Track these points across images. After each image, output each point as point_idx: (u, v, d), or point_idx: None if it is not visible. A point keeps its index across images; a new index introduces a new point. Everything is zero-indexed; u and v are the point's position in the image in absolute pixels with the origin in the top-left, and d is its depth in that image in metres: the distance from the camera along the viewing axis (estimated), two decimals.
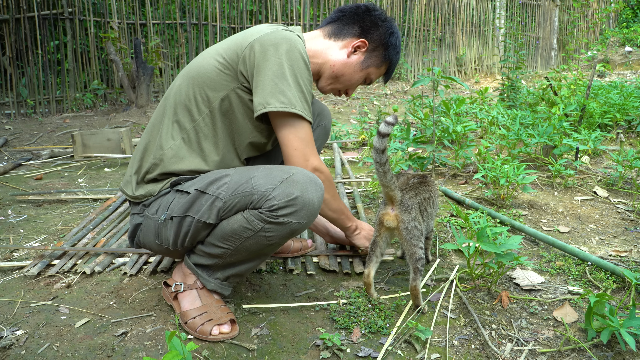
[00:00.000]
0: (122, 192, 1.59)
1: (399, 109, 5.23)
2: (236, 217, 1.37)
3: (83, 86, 6.06)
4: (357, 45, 1.61)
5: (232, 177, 1.39)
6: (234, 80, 1.47)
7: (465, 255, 1.63)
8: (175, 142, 1.49)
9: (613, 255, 1.94)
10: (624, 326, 1.32)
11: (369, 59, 1.64)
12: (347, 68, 1.63)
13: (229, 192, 1.36)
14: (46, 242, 2.15)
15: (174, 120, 1.51)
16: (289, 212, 1.33)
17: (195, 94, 1.48)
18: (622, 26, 11.81)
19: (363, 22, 1.61)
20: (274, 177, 1.34)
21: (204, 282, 1.50)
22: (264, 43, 1.43)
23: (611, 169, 3.03)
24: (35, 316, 1.56)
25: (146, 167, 1.51)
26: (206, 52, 1.56)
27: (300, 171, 1.37)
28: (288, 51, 1.42)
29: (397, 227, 1.55)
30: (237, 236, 1.38)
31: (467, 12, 8.84)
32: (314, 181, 1.37)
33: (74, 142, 3.62)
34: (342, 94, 1.73)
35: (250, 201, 1.34)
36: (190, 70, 1.52)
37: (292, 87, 1.41)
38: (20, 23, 5.53)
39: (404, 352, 1.39)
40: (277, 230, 1.36)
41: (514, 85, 4.63)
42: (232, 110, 1.50)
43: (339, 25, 1.63)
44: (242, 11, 6.92)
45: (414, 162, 2.79)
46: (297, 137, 1.45)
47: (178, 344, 1.07)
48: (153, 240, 1.51)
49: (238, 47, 1.47)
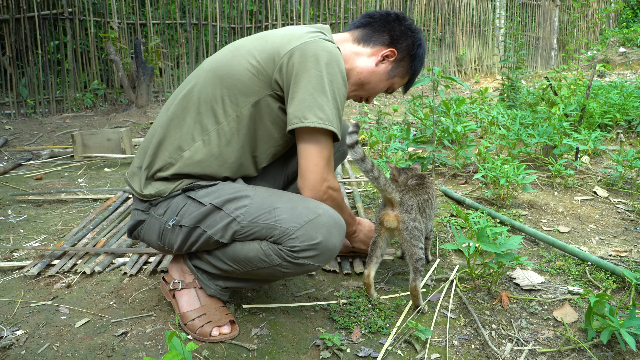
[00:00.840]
0: (126, 183, 1.53)
1: (399, 109, 5.23)
2: (253, 245, 1.34)
3: (83, 86, 6.06)
4: (386, 54, 1.57)
5: (253, 201, 1.35)
6: (267, 87, 1.40)
7: (465, 255, 1.63)
8: (195, 143, 1.42)
9: (613, 255, 1.94)
10: (624, 326, 1.32)
11: (396, 69, 1.61)
12: (374, 76, 1.59)
13: (248, 218, 1.32)
14: (46, 242, 2.15)
15: (197, 120, 1.43)
16: (309, 255, 1.31)
17: (223, 96, 1.41)
18: (622, 26, 11.81)
19: (393, 30, 1.57)
20: (299, 215, 1.31)
21: (203, 286, 1.49)
22: (304, 53, 1.36)
23: (611, 169, 3.03)
24: (35, 316, 1.56)
25: (159, 164, 1.43)
26: (236, 49, 1.47)
27: (327, 212, 1.34)
28: (328, 65, 1.37)
29: (398, 227, 1.55)
30: (250, 263, 1.35)
31: (467, 12, 8.84)
32: (339, 224, 1.35)
33: (74, 142, 3.62)
34: (362, 101, 1.69)
35: (271, 235, 1.31)
36: (219, 68, 1.44)
37: (330, 103, 1.36)
38: (20, 23, 5.53)
39: (404, 352, 1.39)
40: (293, 269, 1.34)
41: (514, 85, 4.63)
42: (261, 117, 1.44)
43: (368, 31, 1.59)
44: (242, 11, 6.92)
45: (414, 162, 2.79)
46: (320, 154, 1.39)
47: (178, 344, 1.07)
48: (155, 240, 1.48)
49: (275, 52, 1.40)
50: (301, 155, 1.41)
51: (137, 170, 1.51)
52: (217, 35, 6.75)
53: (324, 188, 1.43)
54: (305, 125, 1.34)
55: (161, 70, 6.44)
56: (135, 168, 1.52)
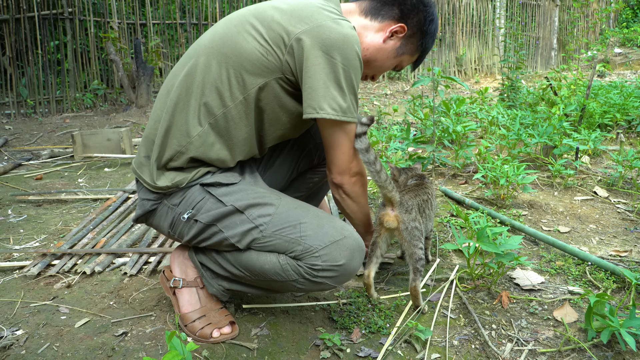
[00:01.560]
0: (135, 174, 1.44)
1: (399, 109, 5.23)
2: (270, 257, 1.31)
3: (83, 86, 6.06)
4: (395, 30, 1.45)
5: (278, 211, 1.32)
6: (277, 69, 1.31)
7: (465, 255, 1.63)
8: (202, 128, 1.35)
9: (613, 255, 1.94)
10: (624, 326, 1.32)
11: (405, 45, 1.50)
12: (381, 53, 1.49)
13: (272, 229, 1.30)
14: (46, 242, 2.15)
15: (202, 103, 1.34)
16: (329, 275, 1.30)
17: (229, 76, 1.32)
18: (622, 26, 11.81)
19: (404, 3, 1.45)
20: (325, 234, 1.29)
21: (205, 284, 1.47)
22: (316, 37, 1.27)
23: (611, 169, 3.03)
24: (35, 316, 1.56)
25: (170, 153, 1.36)
26: (239, 23, 1.36)
27: (352, 234, 1.33)
28: (343, 49, 1.28)
29: (397, 227, 1.55)
30: (264, 275, 1.33)
31: (467, 12, 8.84)
32: (362, 248, 1.35)
33: (74, 142, 3.62)
34: (367, 79, 1.60)
35: (292, 250, 1.29)
36: (223, 46, 1.33)
37: (345, 92, 1.31)
38: (20, 23, 5.53)
39: (404, 352, 1.39)
40: (309, 286, 1.33)
41: (514, 85, 4.63)
42: (270, 100, 1.36)
43: (377, 3, 1.46)
44: None
45: (414, 162, 2.79)
46: (346, 142, 1.38)
47: (178, 344, 1.07)
48: (166, 228, 1.43)
49: (284, 32, 1.30)
50: (329, 144, 1.40)
51: (145, 161, 1.43)
52: None
53: (352, 174, 1.44)
54: (320, 117, 1.30)
55: (161, 70, 6.44)
56: (142, 158, 1.44)
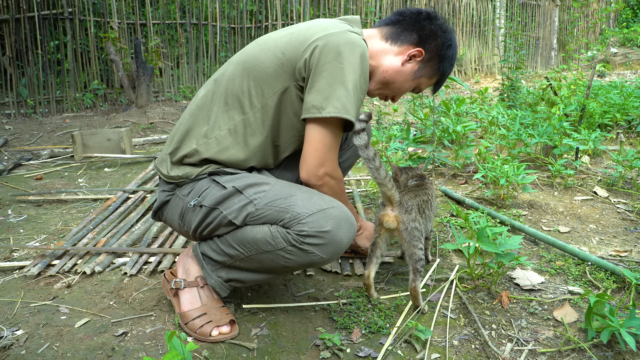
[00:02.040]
0: (156, 169, 1.58)
1: (399, 109, 5.23)
2: (262, 227, 1.36)
3: (83, 86, 6.06)
4: (413, 54, 1.55)
5: (272, 188, 1.39)
6: (291, 77, 1.44)
7: (465, 255, 1.63)
8: (221, 132, 1.46)
9: (613, 255, 1.94)
10: (624, 326, 1.32)
11: (423, 69, 1.59)
12: (399, 76, 1.57)
13: (264, 202, 1.36)
14: (46, 242, 2.15)
15: (224, 110, 1.47)
16: (316, 242, 1.32)
17: (249, 87, 1.46)
18: (622, 26, 11.81)
19: (422, 30, 1.55)
20: (313, 204, 1.34)
21: (205, 276, 1.48)
22: (328, 43, 1.38)
23: (611, 169, 3.03)
24: (35, 316, 1.56)
25: (186, 151, 1.48)
26: (264, 43, 1.50)
27: (340, 206, 1.36)
28: (350, 55, 1.38)
29: (397, 228, 1.55)
30: (255, 246, 1.37)
31: (467, 12, 8.84)
32: (350, 220, 1.36)
33: (74, 142, 3.62)
34: (387, 99, 1.69)
35: (282, 218, 1.33)
36: (246, 61, 1.48)
37: (349, 93, 1.38)
38: (20, 23, 5.53)
39: (404, 352, 1.39)
40: (297, 256, 1.35)
41: (514, 85, 4.63)
42: (285, 108, 1.47)
43: (397, 29, 1.57)
44: (242, 11, 6.92)
45: (414, 162, 2.79)
46: (322, 140, 1.42)
47: (178, 344, 1.07)
48: (177, 220, 1.52)
49: (300, 44, 1.43)
50: (305, 139, 1.44)
51: (165, 157, 1.55)
52: (217, 35, 6.75)
53: (320, 173, 1.44)
54: (323, 116, 1.37)
55: (161, 70, 6.44)
56: (164, 155, 1.56)
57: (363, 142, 1.43)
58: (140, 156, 3.61)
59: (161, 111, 5.56)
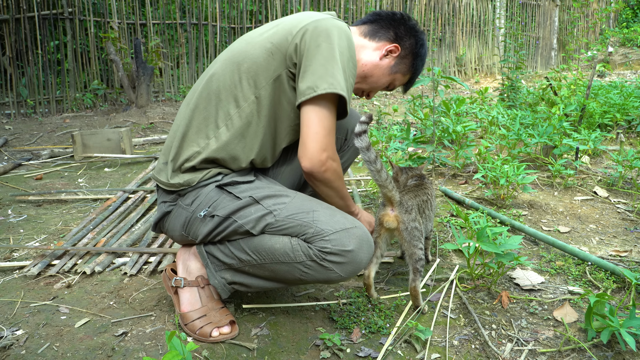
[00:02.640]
0: (154, 180, 1.58)
1: (399, 109, 5.23)
2: (282, 238, 1.36)
3: (83, 86, 6.06)
4: (390, 49, 1.62)
5: (293, 201, 1.40)
6: (282, 64, 1.45)
7: (465, 255, 1.63)
8: (219, 129, 1.47)
9: (613, 255, 1.94)
10: (624, 326, 1.32)
11: (398, 65, 1.65)
12: (377, 70, 1.63)
13: (284, 214, 1.36)
14: (46, 242, 2.15)
15: (219, 107, 1.48)
16: (337, 260, 1.33)
17: (241, 79, 1.46)
18: (622, 26, 11.81)
19: (398, 28, 1.63)
20: (336, 221, 1.35)
21: (208, 275, 1.47)
22: (317, 28, 1.42)
23: (611, 169, 3.03)
24: (35, 316, 1.56)
25: (187, 155, 1.47)
26: (250, 38, 1.52)
27: (362, 227, 1.39)
28: (339, 38, 1.43)
29: (397, 228, 1.55)
30: (272, 255, 1.36)
31: (467, 12, 8.84)
32: (370, 242, 1.39)
33: (74, 142, 3.62)
34: (363, 95, 1.72)
35: (304, 232, 1.34)
36: (235, 56, 1.49)
37: (340, 72, 1.40)
38: (20, 23, 5.53)
39: (404, 352, 1.39)
40: (315, 271, 1.35)
41: (514, 85, 4.63)
42: (278, 96, 1.48)
43: (375, 27, 1.64)
44: (242, 11, 6.92)
45: (414, 162, 2.79)
46: (321, 122, 1.40)
47: (178, 344, 1.07)
48: (179, 230, 1.50)
49: (288, 32, 1.45)
50: (303, 124, 1.42)
51: (163, 166, 1.54)
52: (217, 35, 6.75)
53: (323, 158, 1.41)
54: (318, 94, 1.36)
55: (161, 70, 6.44)
56: (161, 164, 1.55)
57: (365, 144, 1.42)
58: (140, 156, 3.61)
59: (161, 111, 5.57)
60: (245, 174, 1.52)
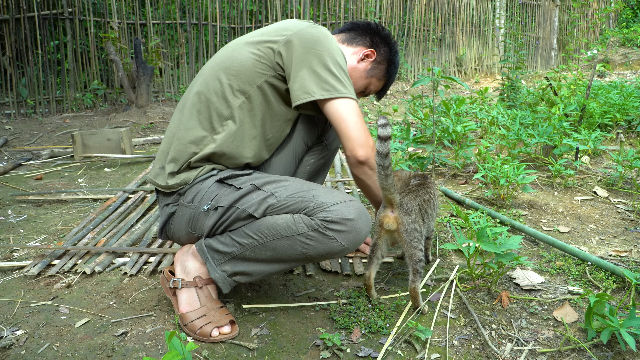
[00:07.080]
0: (151, 184, 1.62)
1: (399, 109, 5.23)
2: (284, 215, 1.40)
3: (83, 86, 6.06)
4: (367, 53, 1.72)
5: (293, 183, 1.45)
6: (270, 69, 1.52)
7: (465, 255, 1.63)
8: (214, 131, 1.52)
9: (613, 255, 1.94)
10: (624, 326, 1.32)
11: (374, 69, 1.75)
12: (355, 72, 1.72)
13: (285, 193, 1.41)
14: (46, 242, 2.15)
15: (212, 109, 1.53)
16: (339, 229, 1.37)
17: (230, 82, 1.52)
18: (622, 26, 11.81)
19: (374, 36, 1.74)
20: (335, 196, 1.41)
21: (209, 269, 1.47)
22: (302, 36, 1.50)
23: (611, 169, 3.03)
24: (35, 316, 1.56)
25: (184, 158, 1.52)
26: (235, 45, 1.58)
27: (358, 201, 1.44)
28: (326, 42, 1.50)
29: (397, 229, 1.55)
30: (274, 231, 1.40)
31: (467, 12, 8.84)
32: (367, 215, 1.44)
33: (74, 142, 3.62)
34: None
35: (305, 207, 1.39)
36: (222, 62, 1.55)
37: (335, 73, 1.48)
38: (20, 23, 5.53)
39: (404, 352, 1.39)
40: (318, 242, 1.38)
41: (514, 85, 4.63)
42: (268, 97, 1.54)
43: (352, 34, 1.75)
44: (242, 11, 6.92)
45: (414, 162, 2.79)
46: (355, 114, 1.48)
47: (178, 344, 1.07)
48: (185, 228, 1.53)
49: (273, 39, 1.52)
50: (338, 119, 1.49)
51: (160, 171, 1.58)
52: (217, 35, 6.75)
53: (371, 143, 1.51)
54: (315, 99, 1.46)
55: (161, 70, 6.44)
56: (157, 169, 1.59)
57: (386, 150, 1.42)
58: (140, 156, 3.61)
59: (161, 111, 5.57)
60: (242, 168, 1.58)
